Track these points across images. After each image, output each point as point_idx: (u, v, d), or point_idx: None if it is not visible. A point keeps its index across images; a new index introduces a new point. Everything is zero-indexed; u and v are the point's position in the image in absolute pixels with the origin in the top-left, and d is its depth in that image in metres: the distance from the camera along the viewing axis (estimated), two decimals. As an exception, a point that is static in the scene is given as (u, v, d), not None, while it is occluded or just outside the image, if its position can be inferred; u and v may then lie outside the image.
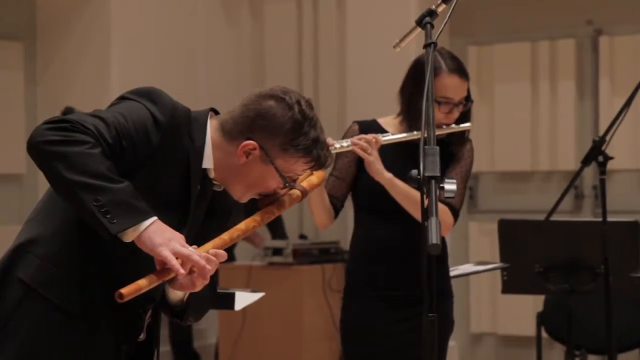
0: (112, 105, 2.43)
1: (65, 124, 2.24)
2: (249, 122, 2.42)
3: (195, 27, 6.99)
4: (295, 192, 2.51)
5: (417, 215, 3.30)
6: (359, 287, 3.48)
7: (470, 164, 3.50)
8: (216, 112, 2.53)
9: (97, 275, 2.40)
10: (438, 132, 3.32)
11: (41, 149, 2.22)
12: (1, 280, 2.40)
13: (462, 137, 3.48)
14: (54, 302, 2.38)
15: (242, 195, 2.48)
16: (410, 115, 3.38)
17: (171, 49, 6.72)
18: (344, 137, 3.45)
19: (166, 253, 2.23)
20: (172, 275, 2.28)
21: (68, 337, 2.40)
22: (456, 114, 3.39)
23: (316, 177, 2.62)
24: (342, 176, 3.43)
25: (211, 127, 2.46)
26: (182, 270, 2.24)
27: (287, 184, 2.45)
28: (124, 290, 2.22)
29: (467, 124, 3.45)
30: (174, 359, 6.68)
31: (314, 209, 3.39)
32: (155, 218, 2.25)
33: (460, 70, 3.38)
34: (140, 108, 2.36)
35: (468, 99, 3.41)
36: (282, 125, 2.41)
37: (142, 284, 2.25)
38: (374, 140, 3.29)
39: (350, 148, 3.30)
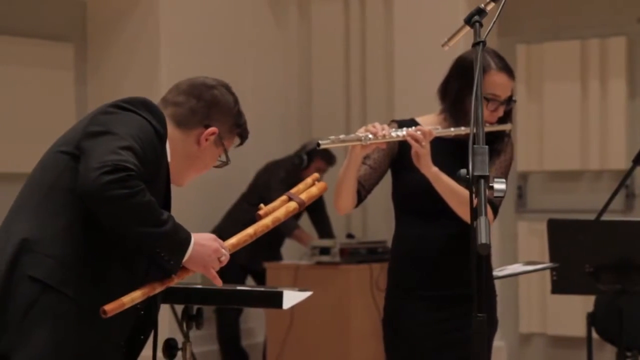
0: (111, 113, 2.55)
1: (121, 173, 2.38)
2: (206, 111, 2.68)
3: (243, 28, 7.02)
4: (293, 204, 2.81)
5: (460, 211, 3.30)
6: (402, 288, 3.46)
7: (511, 160, 3.50)
8: None
9: (110, 270, 2.53)
10: (468, 130, 3.33)
11: (115, 206, 2.40)
12: (9, 278, 2.47)
13: (502, 135, 3.48)
14: (72, 298, 2.47)
15: (187, 180, 2.76)
16: (456, 113, 3.38)
17: (219, 49, 6.76)
18: None
19: (212, 273, 2.61)
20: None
21: (87, 331, 2.49)
22: (501, 112, 3.41)
23: (317, 188, 2.87)
24: (375, 166, 3.43)
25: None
26: (220, 283, 2.65)
27: (228, 162, 2.76)
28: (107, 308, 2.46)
29: (508, 125, 3.46)
30: (222, 358, 6.72)
31: (343, 192, 3.37)
32: (192, 239, 2.54)
33: (508, 68, 3.41)
34: (144, 123, 2.55)
35: (511, 98, 3.42)
36: (231, 110, 2.74)
37: (136, 296, 2.52)
38: (428, 132, 3.29)
39: (404, 138, 3.30)
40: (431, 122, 3.44)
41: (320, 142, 3.20)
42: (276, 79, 7.26)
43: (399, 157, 3.43)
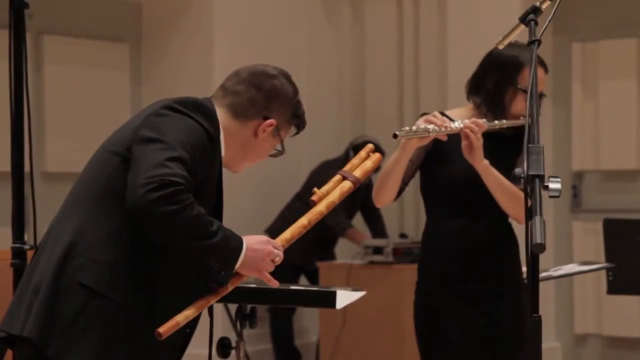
0: (163, 115, 2.52)
1: (168, 189, 2.35)
2: (265, 102, 2.64)
3: (296, 27, 7.04)
4: (347, 184, 2.73)
5: (508, 206, 3.32)
6: (434, 282, 3.43)
7: None
8: None
9: (159, 276, 2.51)
10: (512, 122, 3.36)
11: (164, 222, 2.38)
12: (57, 283, 2.47)
13: None
14: (120, 304, 2.46)
15: (242, 168, 2.72)
16: (495, 107, 3.39)
17: (273, 48, 6.78)
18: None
19: (266, 276, 2.58)
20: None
21: (137, 337, 2.48)
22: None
23: (371, 161, 2.77)
24: (413, 159, 3.42)
25: (219, 114, 2.62)
26: (276, 285, 2.61)
27: (284, 151, 2.72)
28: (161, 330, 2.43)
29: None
30: (275, 357, 6.74)
31: (390, 185, 3.36)
32: (244, 246, 2.49)
33: (544, 64, 3.43)
34: (195, 126, 2.52)
35: (542, 93, 3.42)
36: (291, 100, 2.68)
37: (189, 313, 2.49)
38: (482, 124, 3.29)
39: (462, 130, 3.29)
40: (461, 115, 3.45)
41: (397, 132, 3.21)
42: (329, 79, 7.26)
43: (432, 150, 3.43)
